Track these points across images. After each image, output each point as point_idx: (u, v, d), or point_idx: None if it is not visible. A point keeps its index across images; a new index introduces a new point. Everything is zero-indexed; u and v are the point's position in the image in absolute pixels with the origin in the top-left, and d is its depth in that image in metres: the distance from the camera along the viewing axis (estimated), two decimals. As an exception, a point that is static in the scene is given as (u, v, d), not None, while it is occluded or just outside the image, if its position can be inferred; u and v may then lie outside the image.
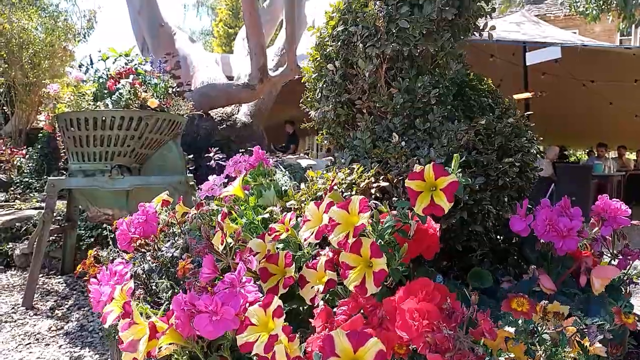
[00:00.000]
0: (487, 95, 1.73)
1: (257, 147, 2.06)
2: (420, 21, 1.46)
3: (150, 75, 3.25)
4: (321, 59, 1.71)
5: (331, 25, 1.67)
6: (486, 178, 1.51)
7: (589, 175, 7.82)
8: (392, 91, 1.55)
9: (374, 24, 1.49)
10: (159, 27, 7.32)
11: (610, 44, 6.59)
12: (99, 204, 3.29)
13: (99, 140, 3.03)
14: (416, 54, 1.50)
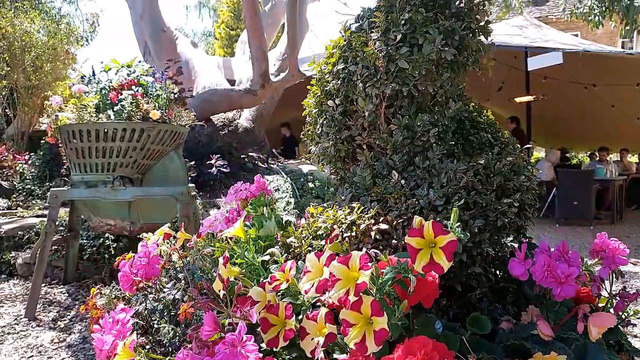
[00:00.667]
0: (486, 128, 1.73)
1: (258, 176, 2.06)
2: (419, 61, 1.46)
3: (152, 85, 3.26)
4: (321, 94, 1.72)
5: (331, 62, 1.67)
6: (485, 220, 1.51)
7: (590, 180, 7.82)
8: (391, 128, 1.56)
9: (374, 63, 1.49)
10: (161, 32, 7.33)
11: (612, 49, 6.59)
12: (101, 214, 3.30)
13: (101, 152, 3.04)
14: (416, 94, 1.51)
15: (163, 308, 1.50)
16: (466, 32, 1.52)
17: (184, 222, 3.18)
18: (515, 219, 1.66)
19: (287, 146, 11.64)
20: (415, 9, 1.47)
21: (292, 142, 11.75)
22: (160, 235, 1.94)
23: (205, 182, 5.09)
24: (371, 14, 1.63)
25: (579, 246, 6.11)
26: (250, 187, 1.93)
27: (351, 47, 1.61)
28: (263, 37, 6.18)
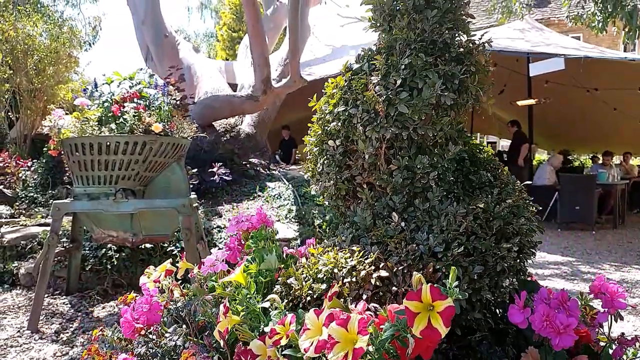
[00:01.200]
0: (486, 166, 1.74)
1: (259, 209, 2.05)
2: (419, 106, 1.47)
3: (154, 97, 3.27)
4: (322, 133, 1.72)
5: (332, 103, 1.68)
6: (484, 265, 1.52)
7: (592, 185, 7.82)
8: (391, 168, 1.57)
9: (374, 107, 1.50)
10: (163, 37, 7.35)
11: (614, 55, 6.59)
12: (103, 225, 3.31)
13: (103, 165, 3.05)
14: (415, 137, 1.52)
15: (164, 353, 1.50)
16: (466, 76, 1.52)
17: (186, 234, 3.20)
18: (515, 264, 1.67)
19: (284, 149, 11.70)
20: (415, 54, 1.48)
21: (290, 144, 11.82)
22: (162, 271, 1.95)
23: (208, 189, 5.10)
24: (371, 56, 1.63)
25: (581, 252, 6.11)
26: (251, 219, 1.93)
27: (351, 88, 1.62)
28: (265, 43, 6.19)
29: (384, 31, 1.63)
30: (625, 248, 6.47)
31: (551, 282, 4.59)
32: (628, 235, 7.56)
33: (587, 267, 5.28)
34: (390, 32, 1.57)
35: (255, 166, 5.86)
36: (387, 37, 1.59)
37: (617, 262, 5.63)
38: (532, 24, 10.43)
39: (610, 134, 12.85)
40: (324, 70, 9.34)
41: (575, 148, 14.78)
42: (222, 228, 4.23)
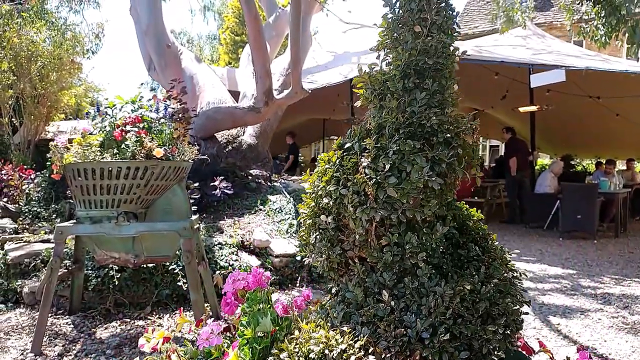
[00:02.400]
0: (475, 236, 1.76)
1: (255, 268, 2.07)
2: (407, 189, 1.50)
3: (156, 121, 3.30)
4: (315, 206, 1.75)
5: (324, 180, 1.71)
6: (470, 350, 1.55)
7: (594, 194, 7.83)
8: (382, 243, 1.60)
9: (364, 189, 1.53)
10: (165, 47, 7.38)
11: (615, 67, 6.60)
12: (105, 247, 3.35)
13: (105, 189, 3.08)
14: (404, 220, 1.55)
15: None
16: (453, 160, 1.55)
17: (187, 257, 3.24)
18: (500, 344, 1.69)
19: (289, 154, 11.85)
20: (404, 139, 1.51)
21: (293, 149, 11.97)
22: (160, 337, 1.98)
23: (210, 203, 5.13)
24: (362, 137, 1.66)
25: (582, 263, 6.12)
26: (247, 277, 1.94)
27: (342, 166, 1.65)
28: (267, 55, 6.22)
29: (375, 107, 1.66)
30: (627, 259, 6.47)
31: (551, 298, 4.61)
32: (630, 244, 7.56)
33: (588, 280, 5.29)
34: (381, 110, 1.60)
35: (257, 178, 5.89)
36: (377, 116, 1.62)
37: (617, 274, 5.64)
38: (533, 30, 10.44)
39: (613, 139, 12.85)
40: (325, 78, 9.38)
41: (578, 153, 14.77)
42: (224, 245, 4.26)
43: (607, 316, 4.14)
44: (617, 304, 4.46)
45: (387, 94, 1.57)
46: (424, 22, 1.55)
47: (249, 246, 4.46)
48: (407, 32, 1.56)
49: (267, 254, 4.48)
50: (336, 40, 11.85)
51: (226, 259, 4.11)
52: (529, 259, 6.37)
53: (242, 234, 4.55)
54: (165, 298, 3.78)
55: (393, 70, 1.57)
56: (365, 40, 11.20)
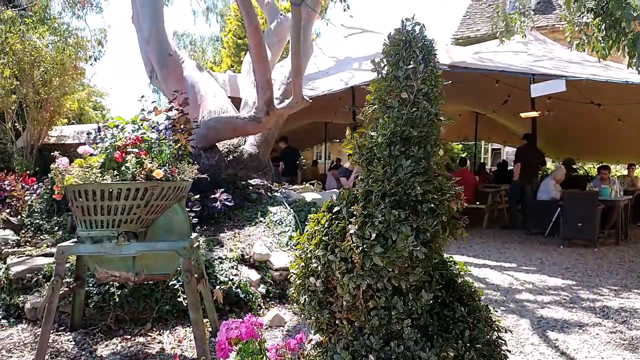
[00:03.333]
0: (461, 296, 1.79)
1: (247, 317, 2.09)
2: (392, 257, 1.53)
3: (156, 141, 3.34)
4: (305, 267, 1.78)
5: (313, 243, 1.74)
6: None
7: (595, 201, 7.83)
8: (369, 306, 1.63)
9: (351, 256, 1.56)
10: (167, 56, 7.41)
11: (615, 78, 6.60)
12: (105, 266, 3.38)
13: (106, 210, 3.12)
14: (390, 289, 1.58)
15: None
16: (437, 229, 1.58)
17: (187, 277, 3.27)
18: None
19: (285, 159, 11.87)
20: (389, 208, 1.54)
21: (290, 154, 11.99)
22: None
23: (210, 215, 5.17)
24: (350, 202, 1.69)
25: (582, 273, 6.14)
26: (240, 326, 1.96)
27: (331, 231, 1.68)
28: (267, 65, 6.25)
29: (363, 171, 1.69)
30: (627, 268, 6.48)
31: (550, 311, 4.63)
32: (630, 252, 7.56)
33: (587, 292, 5.31)
34: (369, 175, 1.63)
35: (258, 188, 5.92)
36: (365, 182, 1.65)
37: (617, 285, 5.65)
38: (535, 36, 10.44)
39: (615, 144, 12.84)
40: (327, 84, 9.40)
41: (580, 157, 14.75)
42: (224, 259, 4.29)
43: (606, 331, 4.15)
44: (616, 317, 4.48)
45: (374, 159, 1.61)
46: (410, 89, 1.58)
47: (249, 260, 4.50)
48: (394, 98, 1.59)
49: (267, 267, 4.51)
50: (338, 44, 11.87)
51: (226, 274, 4.14)
52: (529, 268, 6.39)
53: (242, 247, 4.59)
54: (166, 314, 3.82)
55: (380, 137, 1.61)
56: (367, 45, 11.23)
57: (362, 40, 11.63)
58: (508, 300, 4.98)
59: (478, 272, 6.11)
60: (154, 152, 3.28)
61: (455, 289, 1.84)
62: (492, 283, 5.60)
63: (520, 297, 5.11)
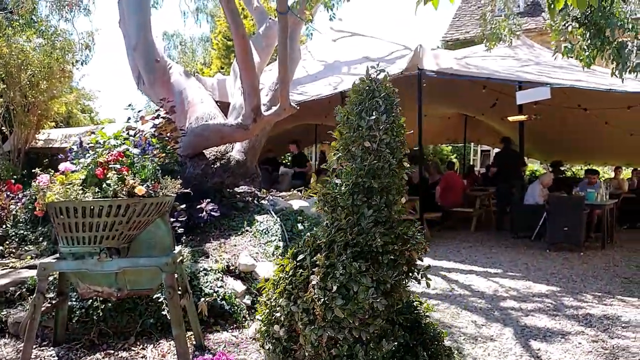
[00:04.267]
0: (425, 340, 1.81)
1: (219, 354, 2.10)
2: (353, 309, 1.55)
3: (139, 156, 3.33)
4: (270, 315, 1.80)
5: (277, 291, 1.76)
6: None
7: (581, 206, 7.90)
8: (332, 353, 1.64)
9: (313, 307, 1.58)
10: (154, 62, 7.39)
11: (600, 86, 6.66)
12: (88, 281, 3.38)
13: (87, 226, 3.11)
14: (351, 340, 1.60)
15: None
16: (398, 279, 1.60)
17: (169, 293, 3.27)
18: None
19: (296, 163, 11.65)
20: (351, 260, 1.56)
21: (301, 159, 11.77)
22: None
23: (196, 225, 5.16)
24: (314, 250, 1.70)
25: (567, 279, 6.19)
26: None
27: (294, 280, 1.70)
28: (255, 73, 6.25)
29: (327, 217, 1.70)
30: (611, 273, 6.54)
31: (533, 319, 4.67)
32: (615, 256, 7.63)
33: (571, 299, 5.35)
34: (333, 223, 1.65)
35: (245, 196, 5.92)
36: (329, 230, 1.67)
37: (601, 290, 5.71)
38: (523, 40, 10.51)
39: (602, 146, 12.97)
40: (316, 89, 9.41)
41: (568, 159, 14.87)
42: (209, 271, 4.29)
43: (588, 340, 4.20)
44: (598, 325, 4.52)
45: (338, 207, 1.63)
46: (373, 138, 1.60)
47: (234, 271, 4.50)
48: (357, 147, 1.62)
49: (252, 278, 4.52)
50: (327, 48, 11.86)
51: (211, 286, 4.14)
52: (514, 274, 6.44)
53: (228, 258, 4.59)
54: (150, 327, 3.82)
55: (344, 186, 1.63)
56: (356, 49, 11.25)
57: (351, 44, 11.65)
58: (493, 308, 5.02)
59: (464, 278, 6.14)
60: (136, 167, 3.28)
61: (420, 332, 1.86)
62: (478, 290, 5.64)
63: (505, 304, 5.14)
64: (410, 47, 9.53)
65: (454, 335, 4.25)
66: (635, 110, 9.18)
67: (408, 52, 8.86)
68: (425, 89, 8.11)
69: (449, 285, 5.82)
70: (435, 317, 4.67)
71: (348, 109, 1.68)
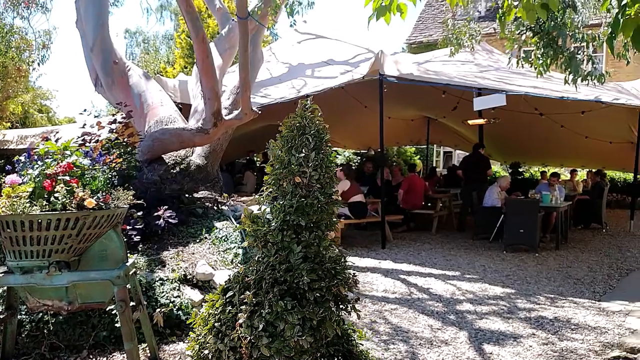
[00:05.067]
0: None
1: None
2: (278, 347, 1.57)
3: (89, 167, 3.27)
4: (200, 352, 1.80)
5: (206, 329, 1.77)
6: None
7: (536, 208, 8.15)
8: None
9: (239, 346, 1.60)
10: (112, 64, 7.25)
11: (553, 93, 6.88)
12: (37, 295, 3.30)
13: (35, 240, 3.04)
14: None
15: None
16: (324, 315, 1.63)
17: (121, 307, 3.22)
18: None
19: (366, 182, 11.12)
20: (278, 298, 1.59)
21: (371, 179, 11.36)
22: None
23: (153, 232, 5.09)
24: (243, 287, 1.72)
25: (521, 281, 6.37)
26: None
27: (222, 317, 1.71)
28: (215, 78, 6.20)
29: (258, 253, 1.72)
30: (564, 274, 6.77)
31: (487, 322, 4.79)
32: (569, 257, 7.89)
33: (525, 301, 5.51)
34: (263, 258, 1.67)
35: (205, 201, 5.87)
36: (258, 267, 1.69)
37: (554, 292, 5.90)
38: (482, 46, 10.74)
39: (559, 148, 13.39)
40: (279, 92, 9.40)
41: (526, 160, 15.29)
42: (165, 280, 4.25)
43: (538, 342, 4.33)
44: (549, 328, 4.67)
45: (268, 243, 1.65)
46: (303, 174, 1.63)
47: (191, 280, 4.47)
48: (288, 183, 1.64)
49: (210, 287, 4.49)
50: (291, 50, 11.85)
51: (167, 296, 4.10)
52: (471, 276, 6.59)
53: (185, 267, 4.55)
54: (103, 340, 3.75)
55: (274, 222, 1.65)
56: (320, 52, 11.27)
57: (315, 46, 11.67)
58: (449, 311, 5.13)
59: (423, 282, 6.25)
60: (87, 179, 3.22)
61: (353, 360, 1.90)
62: (436, 294, 5.75)
63: (460, 307, 5.26)
64: (373, 50, 9.62)
65: (410, 340, 4.32)
66: (589, 115, 9.52)
67: (372, 55, 8.94)
68: (389, 92, 8.22)
69: (407, 289, 5.91)
70: (394, 322, 4.76)
71: (280, 144, 1.71)
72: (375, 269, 6.91)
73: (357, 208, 8.39)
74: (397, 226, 10.08)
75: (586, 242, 9.40)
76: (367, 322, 4.75)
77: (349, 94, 10.61)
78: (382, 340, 4.31)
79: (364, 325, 4.65)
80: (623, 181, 15.54)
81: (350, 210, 8.37)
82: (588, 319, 4.92)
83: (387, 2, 2.73)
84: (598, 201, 10.88)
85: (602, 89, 7.44)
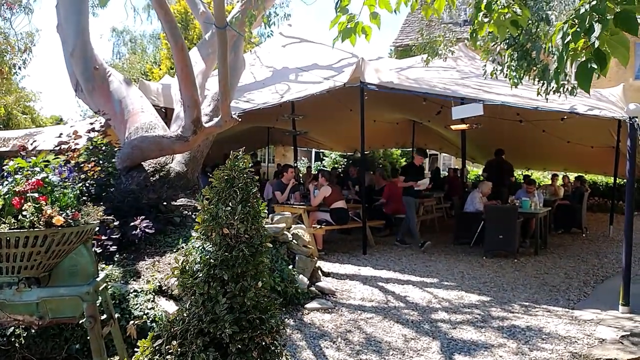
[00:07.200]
0: None
1: None
2: None
3: (59, 184, 3.28)
4: None
5: None
6: None
7: (515, 215, 8.24)
8: None
9: None
10: (93, 70, 7.23)
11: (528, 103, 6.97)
12: (7, 310, 3.30)
13: (4, 257, 3.05)
14: None
15: None
16: None
17: (90, 322, 3.24)
18: None
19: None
20: (200, 350, 1.63)
21: None
22: None
23: (130, 242, 5.10)
24: (170, 336, 1.76)
25: (497, 288, 6.45)
26: None
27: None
28: (195, 86, 6.21)
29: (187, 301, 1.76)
30: (541, 281, 6.86)
31: (461, 332, 4.86)
32: (547, 263, 8.00)
33: (499, 309, 5.59)
34: (190, 308, 1.71)
35: (182, 212, 5.88)
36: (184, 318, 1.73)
37: (529, 300, 5.99)
38: (464, 52, 10.83)
39: (541, 152, 13.54)
40: (263, 97, 9.42)
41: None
42: (139, 292, 4.27)
43: (509, 352, 4.41)
44: (521, 337, 4.75)
45: (195, 293, 1.69)
46: (231, 226, 1.67)
47: (167, 291, 4.48)
48: (217, 234, 1.69)
49: (185, 297, 4.51)
50: (276, 54, 11.87)
51: (141, 308, 4.12)
52: (449, 284, 6.66)
53: (161, 278, 4.57)
54: (76, 353, 3.77)
55: (200, 274, 1.70)
56: (305, 55, 11.30)
57: (300, 50, 11.70)
58: (424, 320, 5.19)
59: (400, 289, 6.32)
60: (56, 195, 3.23)
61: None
62: (412, 302, 5.81)
63: (435, 316, 5.33)
64: (357, 55, 9.65)
65: (382, 351, 4.38)
66: (569, 122, 9.64)
67: (355, 60, 8.98)
68: (374, 96, 8.27)
69: (385, 297, 5.97)
70: (368, 332, 4.81)
71: (210, 195, 1.76)
72: (355, 276, 6.96)
73: (338, 214, 8.44)
74: (380, 230, 10.14)
75: (565, 247, 9.54)
76: (341, 331, 4.80)
77: (334, 97, 10.65)
78: (354, 350, 4.37)
79: (339, 335, 4.71)
80: (605, 185, 15.75)
81: (331, 216, 8.42)
82: (559, 328, 5.01)
83: (352, 25, 2.78)
84: (578, 206, 11.03)
85: (581, 96, 7.54)
